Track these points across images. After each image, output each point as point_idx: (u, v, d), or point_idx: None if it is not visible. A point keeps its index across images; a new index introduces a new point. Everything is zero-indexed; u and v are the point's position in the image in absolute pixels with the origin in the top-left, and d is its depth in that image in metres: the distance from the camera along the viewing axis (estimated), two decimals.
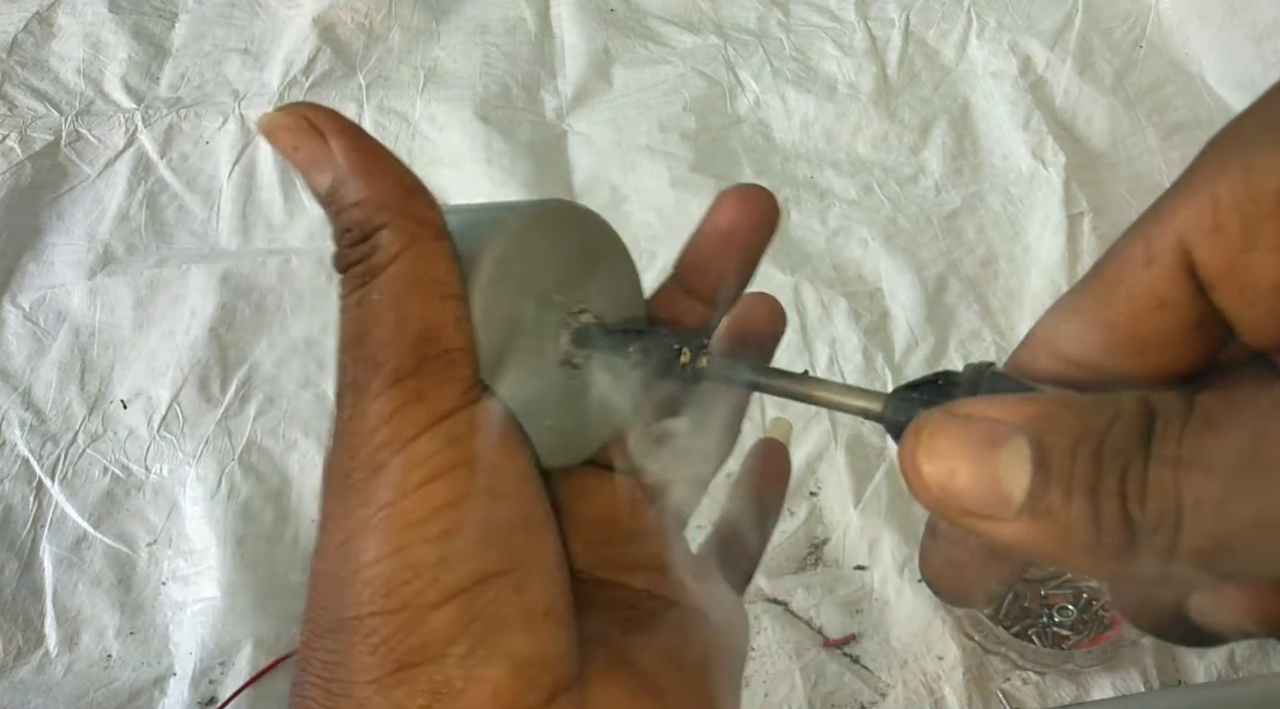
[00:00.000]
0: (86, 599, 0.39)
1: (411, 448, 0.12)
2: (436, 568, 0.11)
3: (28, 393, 0.44)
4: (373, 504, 0.12)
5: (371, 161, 0.12)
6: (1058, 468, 0.09)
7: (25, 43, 0.58)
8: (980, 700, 0.36)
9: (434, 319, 0.12)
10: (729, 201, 0.16)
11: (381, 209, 0.12)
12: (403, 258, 0.12)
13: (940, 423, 0.10)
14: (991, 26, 0.59)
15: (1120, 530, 0.09)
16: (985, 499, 0.09)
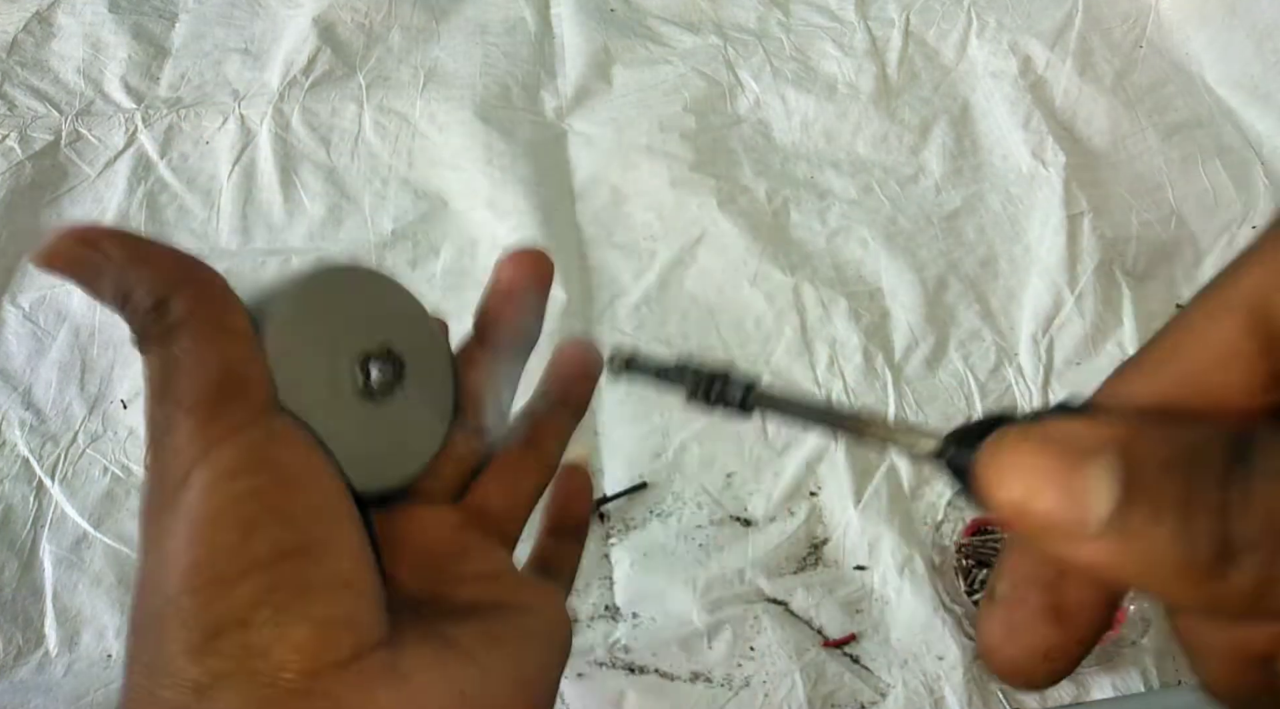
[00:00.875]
0: (87, 599, 0.39)
1: (211, 455, 0.13)
2: (237, 548, 0.13)
3: (28, 393, 0.44)
4: (179, 509, 0.13)
5: (143, 248, 0.14)
6: (1146, 485, 0.08)
7: (25, 43, 0.59)
8: (980, 700, 0.36)
9: (229, 355, 0.14)
10: (507, 265, 0.18)
11: (165, 282, 0.14)
12: (194, 315, 0.14)
13: (1021, 435, 0.09)
14: (991, 26, 0.59)
15: (1215, 547, 0.08)
16: (1068, 517, 0.09)
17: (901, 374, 0.45)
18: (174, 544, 0.13)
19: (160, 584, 0.13)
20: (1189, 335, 0.10)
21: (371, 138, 0.54)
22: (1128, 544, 0.09)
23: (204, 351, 0.14)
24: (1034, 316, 0.47)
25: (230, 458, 0.13)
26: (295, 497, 0.13)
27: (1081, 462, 0.09)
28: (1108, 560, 0.09)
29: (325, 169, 0.53)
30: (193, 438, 0.13)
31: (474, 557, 0.17)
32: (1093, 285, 0.47)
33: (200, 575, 0.13)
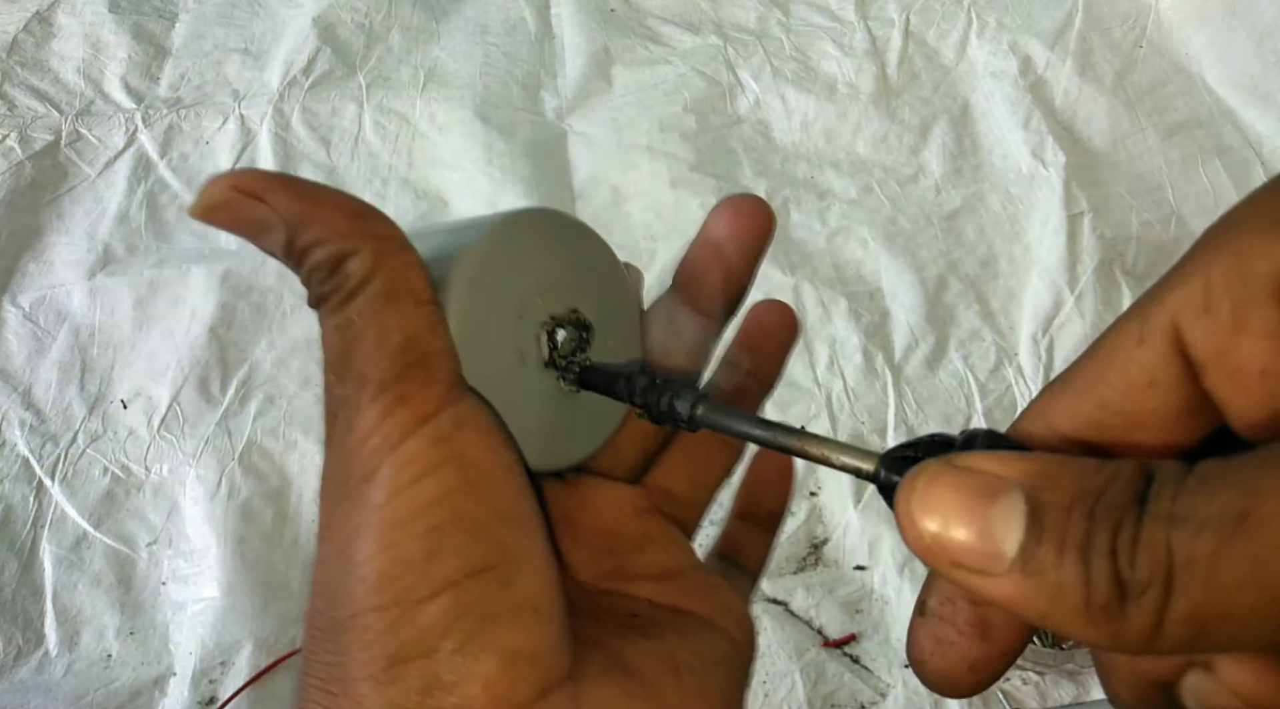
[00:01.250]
0: (86, 599, 0.39)
1: (399, 450, 0.12)
2: (425, 562, 0.12)
3: (28, 393, 0.44)
4: (366, 507, 0.12)
5: (316, 201, 0.13)
6: (1051, 525, 0.09)
7: (25, 43, 0.58)
8: (980, 700, 0.36)
9: (412, 327, 0.13)
10: (723, 212, 0.16)
11: (342, 239, 0.13)
12: (375, 276, 0.13)
13: (937, 472, 0.10)
14: (991, 26, 0.59)
15: (1110, 589, 0.09)
16: (978, 553, 0.09)
17: (901, 374, 0.45)
18: (359, 549, 0.12)
19: (342, 593, 0.12)
20: (1111, 361, 0.11)
21: (371, 138, 0.54)
22: (1033, 582, 0.09)
23: (387, 321, 0.12)
24: (1034, 316, 0.47)
25: (418, 454, 0.12)
26: (485, 501, 0.12)
27: (992, 500, 0.09)
28: (1015, 596, 0.09)
29: (325, 169, 0.53)
30: (379, 425, 0.12)
31: (655, 547, 0.16)
32: (1093, 285, 0.47)
33: (386, 592, 0.12)
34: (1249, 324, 0.09)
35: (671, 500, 0.16)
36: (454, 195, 0.52)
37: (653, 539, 0.16)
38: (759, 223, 0.16)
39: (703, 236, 0.16)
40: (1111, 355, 0.11)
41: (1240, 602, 0.08)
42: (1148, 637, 0.08)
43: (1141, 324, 0.10)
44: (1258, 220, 0.10)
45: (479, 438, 0.13)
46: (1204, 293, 0.10)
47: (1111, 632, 0.09)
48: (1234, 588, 0.08)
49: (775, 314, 0.18)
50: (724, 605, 0.16)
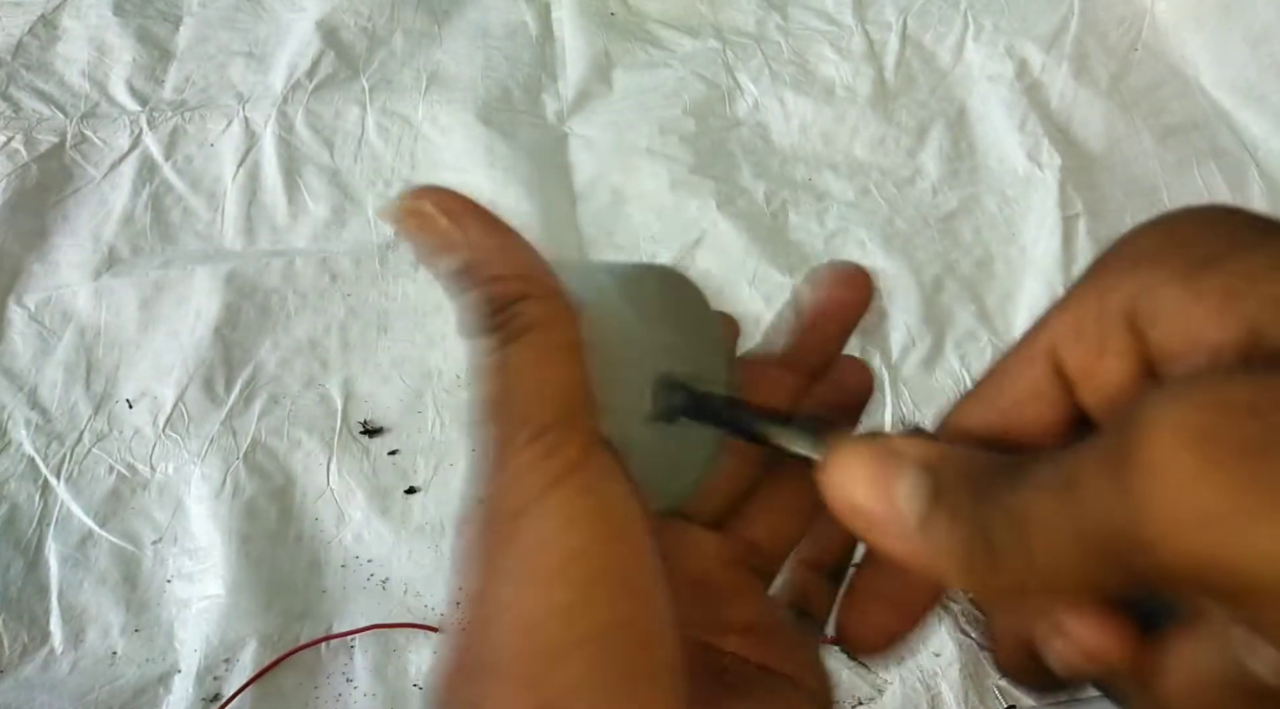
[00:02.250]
0: (92, 597, 0.39)
1: (549, 496, 0.13)
2: (571, 612, 0.12)
3: (33, 393, 0.45)
4: (514, 552, 0.12)
5: (508, 241, 0.14)
6: (945, 497, 0.11)
7: (30, 45, 0.59)
8: (976, 696, 0.36)
9: (570, 379, 0.13)
10: (827, 282, 0.17)
11: (524, 281, 0.13)
12: (542, 326, 0.13)
13: (858, 448, 0.12)
14: (988, 30, 0.59)
15: (984, 551, 0.10)
16: (885, 517, 0.11)
17: (899, 374, 0.45)
18: (505, 589, 0.12)
19: (487, 634, 0.12)
20: (1006, 377, 0.13)
21: (374, 140, 0.55)
22: (930, 543, 0.11)
23: (547, 370, 0.13)
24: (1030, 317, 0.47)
25: (568, 503, 0.12)
26: (627, 555, 0.13)
27: (901, 471, 0.11)
28: (916, 555, 0.11)
29: (329, 171, 0.53)
30: (533, 469, 0.12)
31: (742, 600, 0.16)
32: None
33: (532, 641, 0.12)
34: (1108, 348, 0.11)
35: (755, 550, 0.17)
36: None
37: (739, 591, 0.16)
38: (860, 295, 0.17)
39: (807, 303, 0.17)
40: (1006, 372, 0.13)
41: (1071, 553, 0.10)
42: (1014, 587, 0.10)
43: (1031, 346, 0.12)
44: (1118, 260, 0.12)
45: (621, 491, 0.13)
46: (1076, 322, 0.12)
47: (985, 583, 0.10)
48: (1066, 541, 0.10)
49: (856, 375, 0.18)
50: (807, 663, 0.16)
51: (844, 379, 0.18)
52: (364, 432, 0.44)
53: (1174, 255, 0.11)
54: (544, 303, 0.13)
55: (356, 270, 0.49)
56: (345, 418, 0.44)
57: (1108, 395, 0.12)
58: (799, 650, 0.16)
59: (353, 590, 0.39)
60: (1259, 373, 0.09)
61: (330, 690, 0.37)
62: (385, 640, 0.38)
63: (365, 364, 0.46)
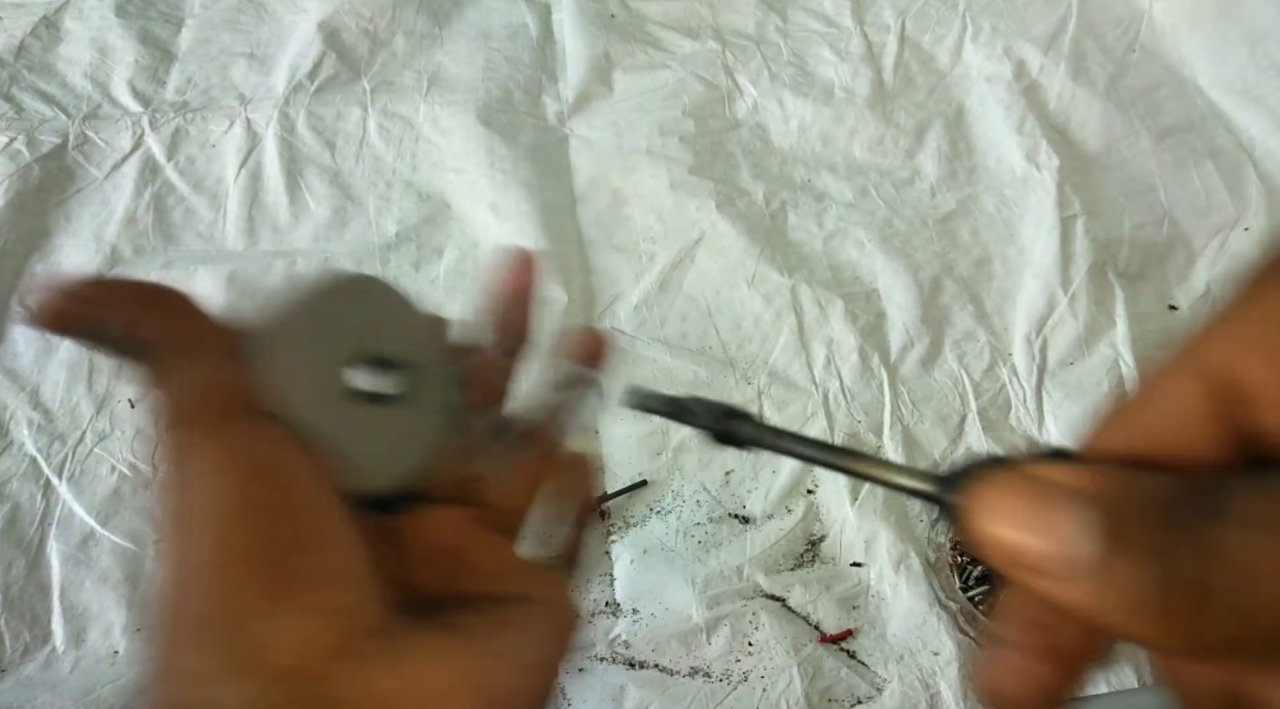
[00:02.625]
0: (93, 596, 0.39)
1: (196, 455, 0.14)
2: (230, 543, 0.13)
3: (35, 392, 0.45)
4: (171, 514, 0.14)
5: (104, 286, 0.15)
6: (1129, 530, 0.09)
7: (33, 47, 0.59)
8: (976, 695, 0.36)
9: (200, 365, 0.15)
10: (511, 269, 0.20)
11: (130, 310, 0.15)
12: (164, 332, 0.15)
13: (1009, 480, 0.10)
14: (986, 31, 0.60)
15: (1191, 595, 0.09)
16: (1052, 559, 0.09)
17: (897, 374, 0.46)
18: (170, 545, 0.14)
19: (161, 587, 0.13)
20: (1158, 395, 0.11)
21: (376, 141, 0.55)
22: (1110, 587, 0.09)
23: (177, 364, 0.14)
24: (1028, 317, 0.47)
25: (213, 456, 0.14)
26: (282, 492, 0.14)
27: (1066, 505, 0.09)
28: (1091, 602, 0.09)
29: (330, 172, 0.54)
30: (179, 444, 0.14)
31: (480, 551, 0.18)
32: (1086, 287, 0.48)
33: (185, 575, 0.13)
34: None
35: (492, 511, 0.19)
36: (457, 198, 0.53)
37: (478, 546, 0.18)
38: (531, 276, 0.20)
39: (492, 290, 0.20)
40: (1159, 390, 0.11)
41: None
42: (1223, 639, 0.09)
43: (1189, 365, 0.10)
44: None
45: (272, 445, 0.15)
46: (1261, 329, 0.10)
47: (1191, 635, 0.09)
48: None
49: (589, 337, 0.21)
50: (544, 583, 0.18)
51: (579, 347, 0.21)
52: None
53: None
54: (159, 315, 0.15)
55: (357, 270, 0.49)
56: None
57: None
58: (538, 576, 0.18)
59: None
60: None
61: None
62: None
63: None
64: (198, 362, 0.15)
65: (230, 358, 0.15)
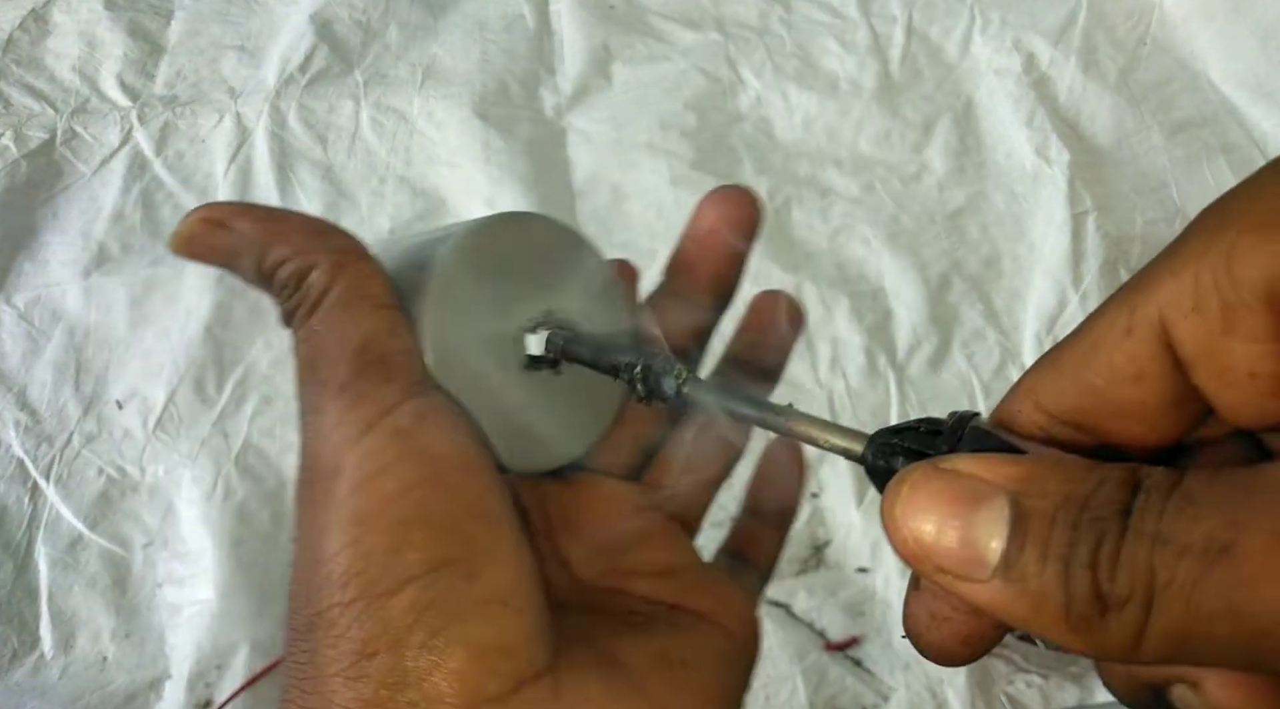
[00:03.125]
0: (82, 601, 0.38)
1: (360, 444, 0.12)
2: (389, 556, 0.12)
3: (23, 393, 0.44)
4: (331, 505, 0.12)
5: (277, 222, 0.14)
6: (1035, 533, 0.09)
7: (20, 40, 0.58)
8: (984, 703, 0.35)
9: (369, 330, 0.13)
10: (709, 203, 0.16)
11: (302, 254, 0.13)
12: (335, 286, 0.13)
13: (923, 477, 0.10)
14: (995, 23, 0.59)
15: (1090, 603, 0.09)
16: (961, 559, 0.09)
17: (905, 374, 0.45)
18: (326, 545, 0.12)
19: (312, 590, 0.12)
20: (1098, 349, 0.11)
21: (369, 135, 0.54)
22: (1015, 589, 0.09)
23: (345, 326, 0.13)
24: (1038, 316, 0.46)
25: (380, 447, 0.12)
26: (448, 495, 0.12)
27: (976, 505, 0.09)
28: (997, 602, 0.09)
29: (322, 167, 0.53)
30: (340, 422, 0.12)
31: (654, 545, 0.16)
32: (1097, 284, 0.47)
33: (350, 588, 0.12)
34: (1238, 328, 0.09)
35: (671, 498, 0.16)
36: (452, 193, 0.52)
37: (651, 536, 0.16)
38: (746, 212, 0.16)
39: (691, 229, 0.16)
40: (1098, 343, 0.11)
41: (1218, 629, 0.08)
42: (1127, 648, 0.08)
43: (1129, 314, 0.10)
44: (1249, 217, 0.09)
45: (441, 432, 0.13)
46: (1193, 291, 0.10)
47: (1091, 641, 0.09)
48: (1212, 616, 0.08)
49: (778, 307, 0.17)
50: (724, 601, 0.15)
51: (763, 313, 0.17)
52: None
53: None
54: (330, 266, 0.13)
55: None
56: None
57: (1236, 382, 0.10)
58: (717, 589, 0.16)
59: None
60: None
61: None
62: None
63: None
64: (362, 322, 0.13)
65: (397, 320, 0.13)
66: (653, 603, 0.15)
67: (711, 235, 0.16)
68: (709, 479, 0.17)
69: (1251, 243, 0.09)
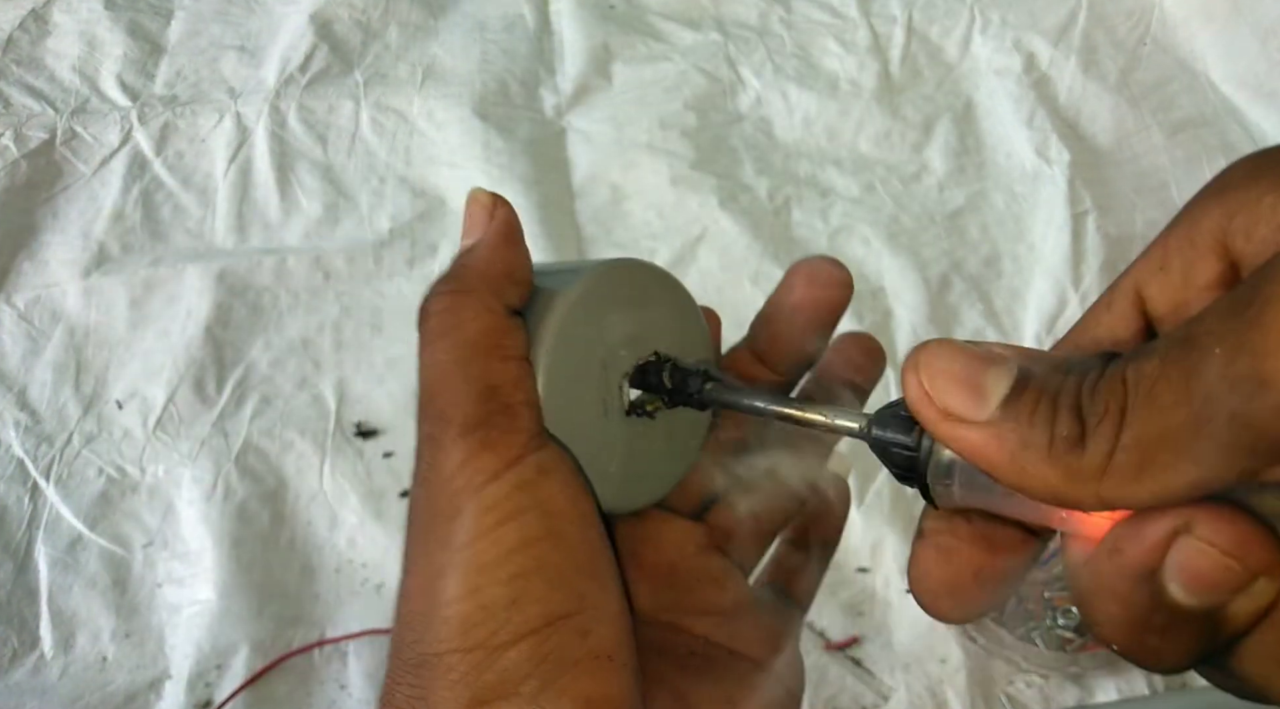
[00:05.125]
0: (82, 601, 0.38)
1: (483, 493, 0.13)
2: (509, 609, 0.12)
3: (23, 393, 0.44)
4: (450, 547, 0.13)
5: (499, 239, 0.15)
6: (1032, 383, 0.10)
7: (20, 40, 0.58)
8: (984, 703, 0.35)
9: (496, 378, 0.13)
10: (800, 277, 0.17)
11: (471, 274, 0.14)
12: (471, 324, 0.14)
13: (947, 343, 0.11)
14: (995, 23, 0.59)
15: (1073, 423, 0.09)
16: (965, 399, 0.10)
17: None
18: (445, 588, 0.12)
19: (428, 630, 0.13)
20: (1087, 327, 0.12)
21: (369, 135, 0.54)
22: (1008, 426, 0.10)
23: (472, 368, 0.13)
24: (1038, 316, 0.46)
25: (502, 499, 0.13)
26: (566, 550, 0.13)
27: (988, 364, 0.10)
28: (991, 443, 0.10)
29: (322, 167, 0.53)
30: (463, 467, 0.13)
31: (714, 584, 0.16)
32: (1097, 284, 0.47)
33: (470, 636, 0.12)
34: (1195, 277, 0.10)
35: (731, 538, 0.17)
36: (452, 193, 0.52)
37: (713, 576, 0.16)
38: (836, 292, 0.16)
39: (778, 295, 0.17)
40: (1085, 324, 0.12)
41: (1175, 417, 0.08)
42: (1099, 468, 0.09)
43: (1111, 293, 0.12)
44: (1208, 191, 0.11)
45: (561, 486, 0.13)
46: (1161, 253, 0.11)
47: (1067, 467, 0.09)
48: (1171, 403, 0.08)
49: (860, 353, 0.18)
50: (778, 647, 0.16)
51: (846, 355, 0.18)
52: (358, 433, 0.43)
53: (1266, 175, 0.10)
54: (479, 304, 0.14)
55: (350, 268, 0.48)
56: (339, 419, 0.43)
57: None
58: (771, 636, 0.16)
59: (346, 595, 0.38)
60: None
61: (324, 697, 0.36)
62: (380, 646, 0.37)
63: (359, 364, 0.45)
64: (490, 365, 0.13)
65: (525, 368, 0.14)
66: (713, 645, 0.16)
67: (797, 310, 0.16)
68: (769, 523, 0.17)
69: (1206, 204, 0.10)
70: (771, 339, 0.17)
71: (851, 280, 0.16)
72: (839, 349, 0.18)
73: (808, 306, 0.16)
